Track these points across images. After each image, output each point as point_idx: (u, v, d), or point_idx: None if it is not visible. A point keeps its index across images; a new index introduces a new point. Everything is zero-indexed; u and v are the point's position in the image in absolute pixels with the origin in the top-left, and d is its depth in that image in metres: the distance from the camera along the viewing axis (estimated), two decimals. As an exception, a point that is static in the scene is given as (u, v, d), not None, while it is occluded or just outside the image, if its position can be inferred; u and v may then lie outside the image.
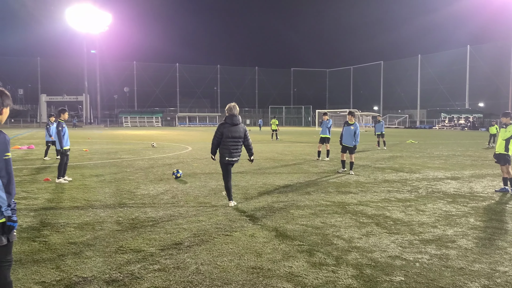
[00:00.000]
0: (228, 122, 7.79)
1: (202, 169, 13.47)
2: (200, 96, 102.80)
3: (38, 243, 5.54)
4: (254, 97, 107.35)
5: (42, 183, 10.44)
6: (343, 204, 8.17)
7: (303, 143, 27.90)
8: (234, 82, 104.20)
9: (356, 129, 12.67)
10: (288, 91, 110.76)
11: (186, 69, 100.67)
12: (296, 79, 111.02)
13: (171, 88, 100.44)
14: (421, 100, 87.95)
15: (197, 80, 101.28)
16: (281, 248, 5.38)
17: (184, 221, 6.73)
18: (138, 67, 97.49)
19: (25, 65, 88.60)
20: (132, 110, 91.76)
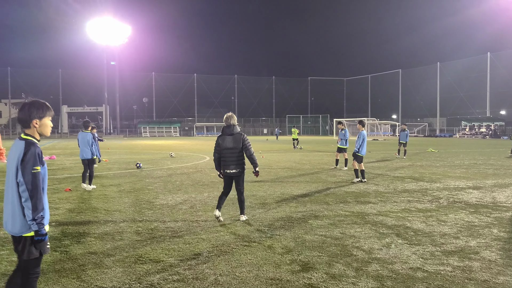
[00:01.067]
0: (223, 133, 7.46)
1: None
2: (218, 106, 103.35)
3: (59, 253, 5.61)
4: (271, 106, 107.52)
5: (63, 193, 10.60)
6: (362, 214, 8.08)
7: (320, 152, 27.77)
8: (251, 91, 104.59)
9: (362, 137, 12.99)
10: (306, 100, 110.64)
11: (204, 80, 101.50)
12: (314, 88, 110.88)
13: (189, 98, 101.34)
14: (441, 108, 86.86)
15: (214, 90, 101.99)
16: (300, 259, 5.34)
17: (202, 232, 6.74)
18: (157, 78, 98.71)
19: (47, 77, 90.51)
20: (151, 120, 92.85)
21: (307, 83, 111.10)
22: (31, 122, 3.38)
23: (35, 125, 3.39)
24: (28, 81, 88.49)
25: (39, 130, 3.42)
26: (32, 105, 3.40)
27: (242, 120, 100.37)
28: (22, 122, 3.37)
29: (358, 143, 12.94)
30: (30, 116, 3.37)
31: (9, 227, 3.31)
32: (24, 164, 3.20)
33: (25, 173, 3.19)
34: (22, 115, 3.37)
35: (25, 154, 3.22)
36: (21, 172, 3.20)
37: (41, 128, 3.42)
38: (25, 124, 3.37)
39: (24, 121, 3.36)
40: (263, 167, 17.40)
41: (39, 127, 3.41)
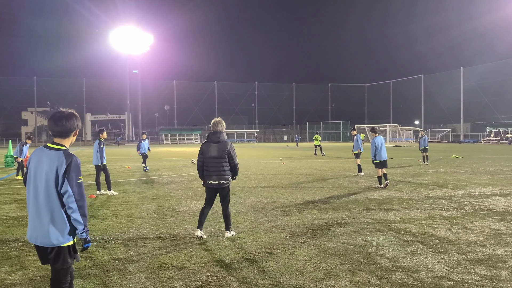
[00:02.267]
0: (208, 139, 6.84)
1: (241, 185, 13.52)
2: (238, 113, 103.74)
3: (84, 259, 5.70)
4: (292, 113, 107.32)
5: (88, 200, 10.78)
6: (385, 221, 7.97)
7: (342, 158, 27.56)
8: (271, 98, 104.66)
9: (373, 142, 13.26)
10: (326, 107, 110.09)
11: (224, 87, 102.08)
12: (334, 94, 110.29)
13: (209, 106, 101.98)
14: (465, 113, 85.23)
15: (235, 97, 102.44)
16: (322, 267, 5.30)
17: (224, 239, 6.75)
18: (178, 85, 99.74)
19: (72, 85, 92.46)
20: (172, 127, 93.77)
21: (327, 89, 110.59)
22: (73, 132, 3.38)
23: (75, 135, 3.42)
24: (53, 90, 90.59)
25: (73, 140, 3.46)
26: (75, 115, 3.41)
27: (262, 126, 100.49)
28: (62, 132, 3.33)
29: (373, 150, 13.07)
30: (76, 126, 3.38)
31: (44, 239, 3.24)
32: (70, 175, 3.21)
33: (73, 184, 3.21)
34: (67, 124, 3.33)
35: (69, 165, 3.22)
36: (68, 183, 3.19)
37: (73, 138, 3.46)
38: (65, 134, 3.34)
39: (67, 131, 3.34)
40: (284, 173, 17.38)
41: (74, 137, 3.45)
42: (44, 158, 3.29)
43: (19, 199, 11.00)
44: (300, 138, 64.95)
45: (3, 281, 4.84)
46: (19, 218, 8.46)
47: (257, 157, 31.09)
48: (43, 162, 3.27)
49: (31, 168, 3.33)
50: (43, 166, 3.25)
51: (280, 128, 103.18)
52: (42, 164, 3.27)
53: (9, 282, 4.82)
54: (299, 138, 64.73)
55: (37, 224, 3.26)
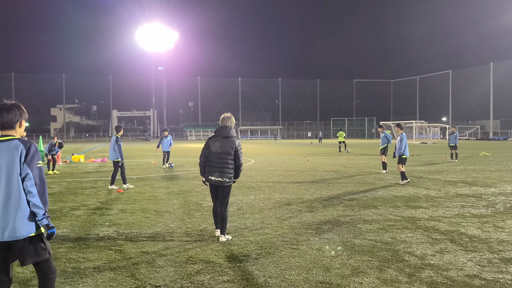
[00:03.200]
0: (216, 134, 6.57)
1: (266, 181, 13.54)
2: (262, 109, 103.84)
3: (114, 251, 5.82)
4: (316, 109, 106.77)
5: (116, 194, 10.99)
6: (413, 219, 7.85)
7: (367, 155, 27.27)
8: (295, 94, 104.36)
9: (401, 139, 13.26)
10: (351, 103, 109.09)
11: (248, 83, 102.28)
12: (359, 90, 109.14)
13: (233, 102, 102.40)
14: (494, 110, 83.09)
15: (258, 93, 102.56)
16: (349, 263, 5.26)
17: (250, 234, 6.78)
18: (202, 82, 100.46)
19: (99, 83, 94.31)
20: (196, 124, 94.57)
21: (352, 85, 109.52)
22: (17, 123, 3.32)
23: (21, 126, 3.36)
24: (81, 87, 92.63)
25: (21, 131, 3.38)
26: (18, 106, 3.34)
27: (286, 123, 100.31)
28: (4, 123, 3.26)
29: (402, 145, 13.01)
30: (20, 116, 3.33)
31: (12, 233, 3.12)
32: (29, 159, 3.15)
33: (33, 168, 3.15)
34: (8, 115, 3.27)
35: (29, 149, 3.18)
36: (28, 167, 3.14)
37: (21, 129, 3.38)
38: (9, 125, 3.27)
39: (10, 122, 3.27)
40: (309, 170, 17.31)
41: (22, 128, 3.38)
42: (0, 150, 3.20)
43: (50, 193, 11.29)
44: (321, 135, 64.35)
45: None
46: (50, 212, 8.68)
47: (281, 153, 31.05)
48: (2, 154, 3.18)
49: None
50: (2, 160, 3.17)
51: (304, 124, 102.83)
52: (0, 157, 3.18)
53: (43, 273, 4.95)
54: (321, 135, 64.20)
55: (2, 219, 3.13)
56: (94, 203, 9.73)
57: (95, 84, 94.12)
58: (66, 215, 8.32)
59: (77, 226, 7.35)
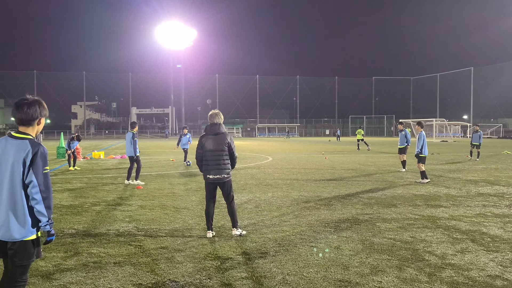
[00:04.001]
0: (207, 132, 6.59)
1: (284, 179, 13.52)
2: (280, 107, 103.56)
3: (133, 247, 5.90)
4: (334, 107, 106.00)
5: (135, 191, 11.12)
6: (433, 218, 7.75)
7: (385, 153, 27.00)
8: (313, 92, 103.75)
9: (419, 137, 13.21)
10: (369, 101, 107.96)
11: (266, 81, 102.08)
12: (378, 88, 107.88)
13: (251, 100, 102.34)
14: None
15: (276, 91, 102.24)
16: (368, 262, 5.23)
17: (268, 231, 6.79)
18: (220, 79, 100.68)
19: (118, 80, 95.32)
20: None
21: (371, 83, 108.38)
22: (37, 120, 3.21)
23: (39, 124, 3.25)
24: (101, 84, 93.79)
25: (38, 129, 3.27)
26: (40, 103, 3.22)
27: (304, 120, 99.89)
28: (24, 119, 3.15)
29: (420, 144, 12.93)
30: (40, 113, 3.21)
31: (6, 233, 3.06)
32: (35, 164, 3.05)
33: (38, 174, 3.05)
34: (29, 111, 3.15)
35: (35, 154, 3.06)
36: (33, 173, 3.03)
37: (40, 127, 3.28)
38: (28, 122, 3.17)
39: (29, 119, 3.16)
40: (327, 168, 17.23)
41: (40, 126, 3.27)
42: (9, 147, 3.11)
43: (72, 189, 11.49)
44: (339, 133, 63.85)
45: (59, 266, 5.08)
46: (71, 207, 8.85)
47: (299, 151, 30.97)
48: (8, 152, 3.09)
49: None
50: (9, 156, 3.08)
51: (322, 122, 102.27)
52: (7, 155, 3.09)
53: (65, 267, 5.05)
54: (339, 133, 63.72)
55: (1, 218, 3.07)
56: (114, 199, 9.87)
57: (115, 82, 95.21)
58: (87, 211, 8.46)
59: (98, 221, 7.47)
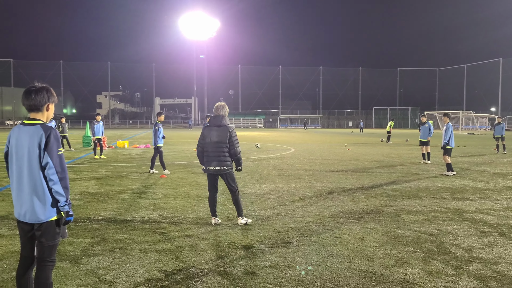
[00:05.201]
0: (210, 123, 6.59)
1: (306, 170, 13.47)
2: (302, 98, 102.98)
3: (158, 234, 5.98)
4: (357, 98, 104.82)
5: (159, 179, 11.26)
6: (459, 211, 7.61)
7: (410, 145, 26.58)
8: (336, 83, 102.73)
9: (446, 129, 12.95)
10: (394, 92, 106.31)
11: (289, 71, 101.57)
12: (403, 79, 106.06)
13: (273, 90, 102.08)
14: (548, 100, 78.75)
15: (299, 82, 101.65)
16: (393, 254, 5.17)
17: (291, 221, 6.78)
18: (243, 70, 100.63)
19: (142, 70, 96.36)
20: (236, 112, 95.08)
21: (396, 74, 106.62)
22: (45, 106, 3.31)
23: (48, 109, 3.35)
24: (125, 74, 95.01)
25: (49, 115, 3.37)
26: (47, 89, 3.32)
27: (326, 112, 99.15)
28: (32, 105, 3.26)
29: (447, 135, 12.67)
30: (48, 99, 3.31)
31: (32, 215, 3.20)
32: (49, 147, 3.16)
33: (53, 156, 3.16)
34: (37, 98, 3.26)
35: (48, 137, 3.17)
36: (48, 155, 3.15)
37: (50, 113, 3.38)
38: (37, 108, 3.28)
39: (37, 105, 3.27)
40: (350, 159, 17.09)
41: (49, 112, 3.38)
42: (22, 135, 3.23)
43: (97, 177, 11.71)
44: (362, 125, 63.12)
45: (86, 251, 5.19)
46: (98, 194, 9.02)
47: (321, 142, 30.79)
48: (22, 139, 3.22)
49: (12, 147, 3.29)
50: (24, 143, 3.21)
51: (345, 113, 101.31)
52: (22, 141, 3.22)
53: (92, 252, 5.16)
54: (362, 125, 63.01)
55: (24, 201, 3.22)
56: (139, 187, 10.02)
57: (139, 72, 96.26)
58: (113, 198, 8.61)
59: (123, 209, 7.60)
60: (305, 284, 4.24)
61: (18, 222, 3.33)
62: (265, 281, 4.30)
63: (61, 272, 4.48)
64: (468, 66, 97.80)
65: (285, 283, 4.26)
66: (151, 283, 4.24)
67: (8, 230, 6.14)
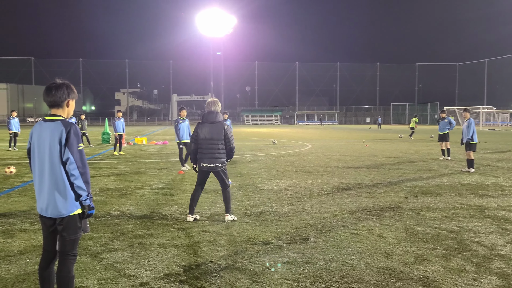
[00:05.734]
0: (203, 120, 6.48)
1: (324, 166, 13.40)
2: (319, 94, 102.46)
3: (176, 229, 6.02)
4: (375, 94, 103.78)
5: (177, 175, 11.34)
6: (481, 208, 7.48)
7: (429, 142, 26.22)
8: (354, 79, 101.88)
9: (469, 124, 12.57)
10: (412, 88, 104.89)
11: (306, 67, 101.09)
12: (422, 74, 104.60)
13: (290, 87, 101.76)
14: None
15: (316, 78, 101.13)
16: (413, 251, 5.11)
17: (309, 217, 6.76)
18: (259, 66, 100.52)
19: (160, 68, 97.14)
20: (253, 108, 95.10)
21: (414, 69, 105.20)
22: (65, 102, 3.36)
23: (68, 105, 3.39)
24: (143, 72, 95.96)
25: (69, 111, 3.42)
26: (67, 85, 3.38)
27: (343, 108, 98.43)
28: (52, 101, 3.32)
29: (470, 130, 12.41)
30: (68, 95, 3.36)
31: (54, 210, 3.26)
32: (70, 142, 3.22)
33: (73, 151, 3.22)
34: (57, 94, 3.31)
35: (69, 133, 3.23)
36: (69, 150, 3.21)
37: (70, 109, 3.43)
38: (57, 104, 3.33)
39: (57, 101, 3.32)
40: (368, 155, 16.94)
41: (70, 108, 3.42)
42: (44, 131, 3.30)
43: (116, 173, 11.85)
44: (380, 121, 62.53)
45: (106, 246, 5.26)
46: (117, 190, 9.12)
47: (339, 138, 30.60)
48: (44, 135, 3.28)
49: (34, 143, 3.34)
50: (45, 139, 3.27)
51: (362, 109, 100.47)
52: (43, 137, 3.28)
53: (111, 247, 5.23)
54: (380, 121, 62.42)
55: (45, 196, 3.27)
56: (157, 183, 10.10)
57: (156, 69, 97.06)
58: (132, 194, 8.70)
59: (142, 205, 7.68)
60: (323, 280, 4.22)
61: (40, 216, 3.38)
62: (283, 277, 4.30)
63: (81, 266, 4.55)
64: (489, 60, 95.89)
65: (303, 279, 4.25)
66: (170, 277, 4.28)
67: (30, 224, 6.26)
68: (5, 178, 10.75)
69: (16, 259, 4.78)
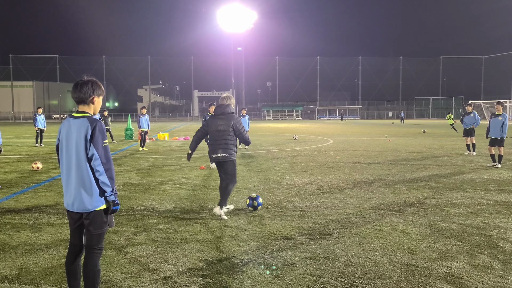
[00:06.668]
0: (214, 112, 6.71)
1: (346, 161, 13.31)
2: (341, 88, 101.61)
3: (199, 224, 6.07)
4: (398, 88, 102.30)
5: (198, 171, 11.42)
6: (507, 204, 7.31)
7: (453, 137, 25.73)
8: (376, 73, 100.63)
9: (504, 120, 12.01)
10: (436, 82, 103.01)
11: (327, 62, 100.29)
12: (446, 68, 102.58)
13: (311, 82, 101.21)
14: None
15: (337, 72, 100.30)
16: (437, 247, 5.04)
17: (331, 213, 6.73)
18: (280, 62, 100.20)
19: (181, 64, 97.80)
20: (274, 103, 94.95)
21: (438, 62, 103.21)
22: (91, 98, 3.41)
23: (93, 102, 3.44)
24: (165, 68, 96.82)
25: (95, 107, 3.48)
26: (93, 82, 3.43)
27: (365, 103, 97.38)
28: (78, 98, 3.39)
29: (506, 127, 12.08)
30: (93, 92, 3.41)
31: (80, 205, 3.32)
32: (95, 139, 3.26)
33: (98, 148, 3.27)
34: (82, 90, 3.37)
35: (94, 129, 3.28)
36: (94, 147, 3.26)
37: (96, 106, 3.48)
38: (83, 100, 3.39)
39: (83, 97, 3.38)
40: (390, 150, 16.74)
41: (96, 105, 3.48)
42: (71, 127, 3.36)
43: (140, 168, 12.02)
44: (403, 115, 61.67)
45: (130, 240, 5.35)
46: (140, 185, 9.25)
47: (361, 133, 30.30)
48: (71, 131, 3.35)
49: (62, 138, 3.41)
50: (73, 135, 3.33)
51: (385, 104, 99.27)
52: (71, 133, 3.35)
53: (135, 241, 5.31)
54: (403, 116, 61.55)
55: (73, 191, 3.33)
56: (179, 178, 10.20)
57: (178, 65, 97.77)
58: (155, 189, 8.81)
59: (164, 200, 7.77)
60: (345, 276, 4.20)
61: (67, 211, 3.46)
62: (305, 272, 4.29)
63: (106, 260, 4.63)
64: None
65: (326, 275, 4.24)
66: (193, 272, 4.32)
67: (57, 219, 6.40)
68: (32, 173, 11.03)
69: (44, 253, 4.90)
